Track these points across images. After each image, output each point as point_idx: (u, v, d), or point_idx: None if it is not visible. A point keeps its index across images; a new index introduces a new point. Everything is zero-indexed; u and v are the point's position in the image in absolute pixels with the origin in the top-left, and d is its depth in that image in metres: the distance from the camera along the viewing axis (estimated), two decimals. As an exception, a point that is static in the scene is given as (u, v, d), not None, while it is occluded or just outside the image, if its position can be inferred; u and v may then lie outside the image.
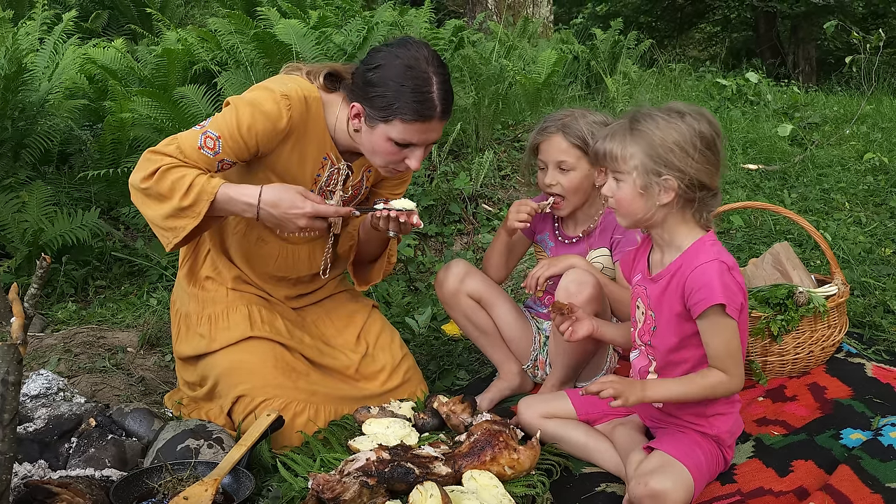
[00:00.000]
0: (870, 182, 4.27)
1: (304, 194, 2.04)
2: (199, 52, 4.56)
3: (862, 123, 5.57)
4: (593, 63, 6.34)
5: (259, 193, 2.03)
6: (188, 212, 2.03)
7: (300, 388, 2.24)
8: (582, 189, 2.36)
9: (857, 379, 2.35)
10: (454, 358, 2.82)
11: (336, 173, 2.27)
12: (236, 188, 2.05)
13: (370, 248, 2.47)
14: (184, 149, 2.07)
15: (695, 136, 1.84)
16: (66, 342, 2.83)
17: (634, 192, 1.87)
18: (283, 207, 2.02)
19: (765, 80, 6.88)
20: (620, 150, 1.86)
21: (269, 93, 2.11)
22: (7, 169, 3.63)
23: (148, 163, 2.06)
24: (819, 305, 2.38)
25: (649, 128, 1.85)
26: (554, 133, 2.34)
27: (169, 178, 2.03)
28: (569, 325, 2.06)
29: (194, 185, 2.02)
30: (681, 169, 1.83)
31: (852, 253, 3.34)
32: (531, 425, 2.14)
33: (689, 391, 1.87)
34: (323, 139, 2.22)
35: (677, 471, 1.83)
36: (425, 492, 1.78)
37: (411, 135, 2.07)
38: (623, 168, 1.87)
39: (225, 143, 2.08)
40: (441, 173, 4.20)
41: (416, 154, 2.12)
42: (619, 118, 1.99)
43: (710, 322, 1.84)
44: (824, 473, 1.93)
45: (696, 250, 1.88)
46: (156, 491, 1.91)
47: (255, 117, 2.08)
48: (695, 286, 1.83)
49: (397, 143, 2.09)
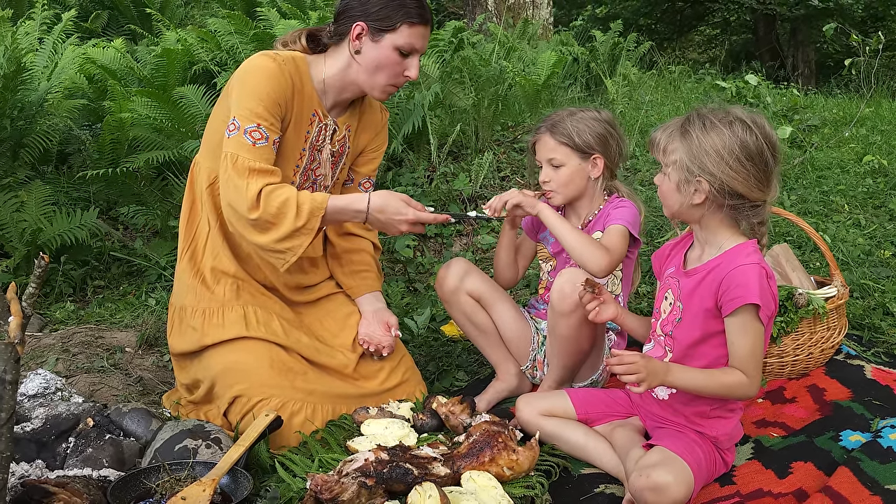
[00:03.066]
0: (869, 184, 4.27)
1: (406, 201, 2.15)
2: (198, 53, 4.55)
3: (861, 126, 5.57)
4: (593, 65, 6.34)
5: (368, 200, 2.15)
6: (302, 230, 2.12)
7: (297, 388, 2.23)
8: (573, 183, 2.43)
9: (856, 381, 2.35)
10: (453, 359, 2.81)
11: (324, 129, 2.35)
12: (343, 199, 2.17)
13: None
14: (249, 156, 2.13)
15: (735, 145, 1.85)
16: (64, 342, 2.82)
17: (672, 186, 1.93)
18: (389, 213, 2.14)
19: (764, 83, 6.87)
20: (666, 142, 1.93)
21: (259, 58, 2.22)
22: (6, 168, 3.62)
23: (240, 193, 2.10)
24: (818, 307, 2.38)
25: (696, 128, 1.89)
26: (543, 133, 2.45)
27: (274, 202, 2.09)
28: (596, 304, 2.07)
29: (302, 204, 2.10)
30: (712, 173, 1.86)
31: (852, 255, 3.34)
32: (530, 423, 2.14)
33: (709, 384, 1.88)
34: (311, 96, 2.31)
35: (678, 465, 1.83)
36: (424, 492, 1.77)
37: (416, 39, 2.21)
38: (665, 160, 1.94)
39: (267, 125, 2.17)
40: (440, 174, 4.20)
41: (414, 63, 2.25)
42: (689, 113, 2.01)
43: (740, 321, 1.85)
44: (824, 475, 1.93)
45: (737, 252, 1.90)
46: (153, 491, 1.90)
47: (265, 83, 2.18)
48: (732, 284, 1.85)
49: (401, 53, 2.21)
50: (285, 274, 2.38)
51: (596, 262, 2.23)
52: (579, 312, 2.19)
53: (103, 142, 3.81)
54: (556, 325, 2.27)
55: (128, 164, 3.66)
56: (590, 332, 2.28)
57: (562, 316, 2.23)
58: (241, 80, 2.21)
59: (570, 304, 2.19)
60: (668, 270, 2.08)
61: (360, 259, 2.56)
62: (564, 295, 2.19)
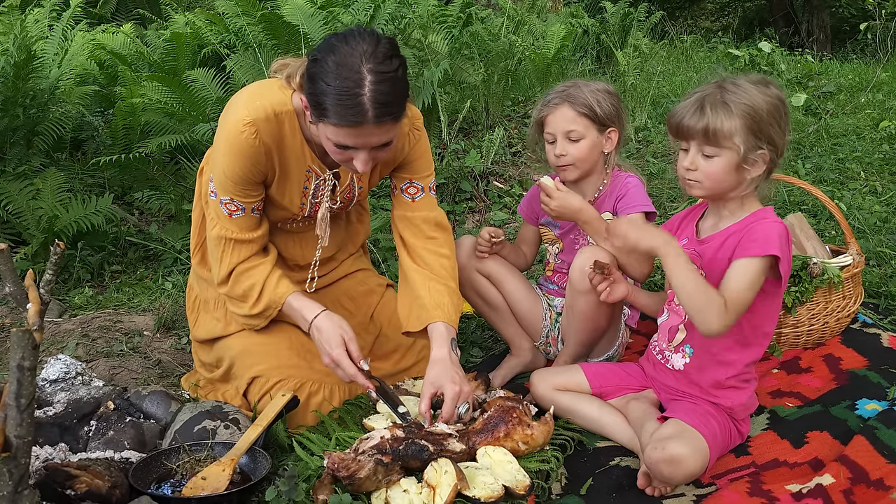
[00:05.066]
0: (885, 151, 4.22)
1: (345, 338, 2.06)
2: (207, 36, 4.55)
3: (877, 91, 5.49)
4: (603, 37, 6.28)
5: (316, 315, 2.12)
6: (261, 316, 2.21)
7: (315, 369, 2.25)
8: (591, 157, 2.36)
9: (872, 349, 2.34)
10: (467, 335, 2.82)
11: (322, 184, 2.21)
12: (300, 302, 2.15)
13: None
14: (226, 225, 2.15)
15: (782, 106, 1.83)
16: (83, 327, 2.86)
17: (729, 167, 1.85)
18: (323, 338, 2.09)
19: (778, 50, 6.78)
20: (725, 124, 1.82)
21: (234, 126, 2.03)
22: (20, 157, 3.65)
23: (216, 263, 2.19)
24: (833, 276, 2.36)
25: (748, 100, 1.82)
26: (559, 104, 2.34)
27: (241, 285, 2.18)
28: (607, 285, 2.06)
29: (263, 294, 2.17)
30: (776, 140, 1.83)
31: (868, 223, 3.31)
32: (544, 398, 2.15)
33: (693, 278, 1.81)
34: (301, 152, 2.12)
35: (694, 437, 1.84)
36: (440, 468, 1.79)
37: (344, 138, 1.89)
38: (725, 144, 1.83)
39: (241, 198, 2.12)
40: (451, 151, 4.19)
41: (359, 157, 1.92)
42: (698, 90, 1.92)
43: (746, 264, 1.82)
44: (840, 444, 1.93)
45: (761, 214, 1.89)
46: (174, 472, 1.93)
47: (234, 161, 2.05)
48: (753, 235, 1.83)
49: (336, 145, 1.92)
50: (300, 272, 2.39)
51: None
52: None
53: (116, 127, 3.83)
54: (576, 302, 2.27)
55: (140, 150, 3.69)
56: (608, 309, 2.28)
57: (581, 294, 2.23)
58: (217, 143, 2.09)
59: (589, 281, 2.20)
60: (680, 242, 2.06)
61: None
62: (585, 273, 2.19)
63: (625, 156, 4.43)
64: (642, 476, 1.88)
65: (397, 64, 1.88)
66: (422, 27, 4.73)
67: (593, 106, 2.30)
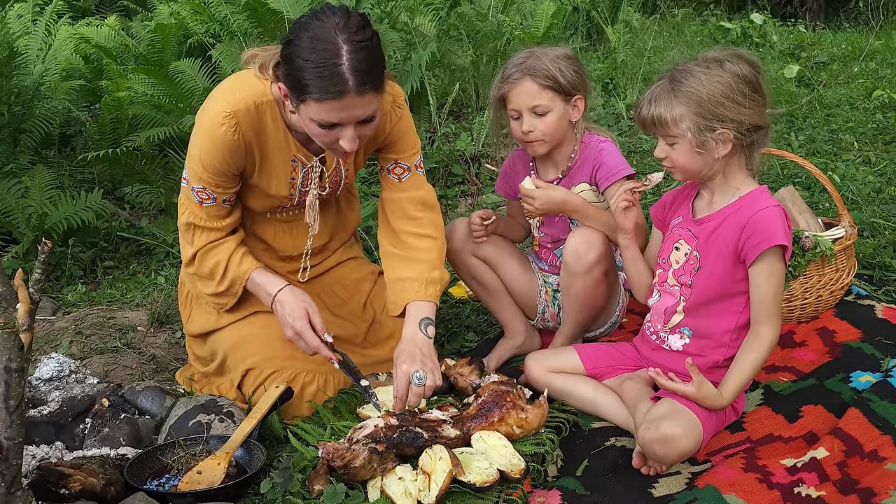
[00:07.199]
0: (879, 120, 4.19)
1: (308, 311, 2.08)
2: (192, 26, 4.51)
3: (871, 60, 5.46)
4: (593, 13, 6.23)
5: (279, 289, 2.13)
6: (227, 293, 2.22)
7: (309, 359, 2.24)
8: (560, 129, 2.29)
9: (866, 321, 2.34)
10: (462, 320, 2.82)
11: (309, 172, 2.19)
12: (262, 277, 2.17)
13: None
14: (196, 212, 2.14)
15: (740, 83, 1.85)
16: (76, 324, 2.85)
17: (690, 152, 1.89)
18: (285, 311, 2.10)
19: (770, 21, 6.74)
20: (669, 113, 1.87)
21: (214, 118, 2.02)
22: (7, 155, 3.63)
23: (185, 245, 2.21)
24: (826, 249, 2.35)
25: (692, 85, 1.85)
26: (521, 78, 2.23)
27: (206, 264, 2.18)
28: (630, 203, 2.06)
29: (228, 270, 2.17)
30: (734, 119, 1.85)
31: (861, 193, 3.29)
32: (539, 380, 2.15)
33: (755, 366, 1.89)
34: (285, 142, 2.11)
35: (687, 417, 1.84)
36: (434, 455, 1.80)
37: (328, 114, 1.86)
38: (675, 132, 1.88)
39: (212, 188, 2.10)
40: (442, 135, 4.16)
41: (345, 134, 1.90)
42: (657, 79, 1.98)
43: (766, 265, 1.87)
44: (834, 417, 1.93)
45: (755, 198, 1.91)
46: (169, 467, 1.93)
47: (211, 152, 2.04)
48: (757, 228, 1.86)
49: (321, 126, 1.90)
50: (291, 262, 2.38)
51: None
52: (595, 272, 2.20)
53: (103, 122, 3.80)
54: (571, 284, 2.26)
55: (129, 143, 3.67)
56: (604, 289, 2.28)
57: (576, 276, 2.23)
58: (195, 132, 2.09)
59: (585, 264, 2.19)
60: (674, 220, 2.06)
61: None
62: (579, 255, 2.18)
63: (617, 133, 4.40)
64: (637, 456, 1.89)
65: (371, 33, 1.88)
66: (408, 10, 4.69)
67: (556, 76, 2.20)
